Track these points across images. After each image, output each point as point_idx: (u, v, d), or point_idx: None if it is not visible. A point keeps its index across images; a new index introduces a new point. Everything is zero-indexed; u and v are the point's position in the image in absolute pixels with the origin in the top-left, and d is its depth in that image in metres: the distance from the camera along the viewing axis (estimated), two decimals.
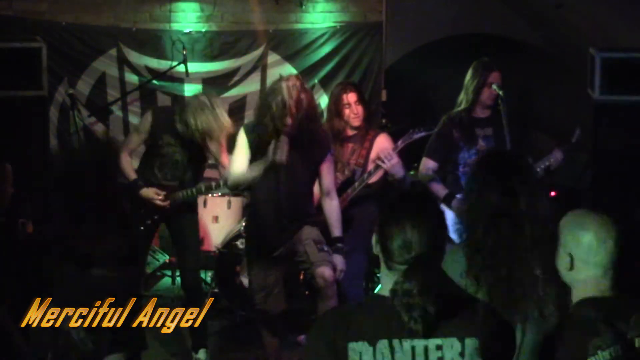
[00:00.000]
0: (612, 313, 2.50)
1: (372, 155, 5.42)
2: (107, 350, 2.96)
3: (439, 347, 2.28)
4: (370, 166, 5.31)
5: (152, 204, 5.35)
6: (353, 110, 5.42)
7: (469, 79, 5.38)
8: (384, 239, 2.36)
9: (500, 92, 5.22)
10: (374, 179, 5.34)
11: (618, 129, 5.77)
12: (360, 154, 5.44)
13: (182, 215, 5.44)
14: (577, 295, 2.61)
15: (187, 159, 5.35)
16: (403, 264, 2.31)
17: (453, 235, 5.63)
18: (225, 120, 5.23)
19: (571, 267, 2.60)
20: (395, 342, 2.28)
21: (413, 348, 2.28)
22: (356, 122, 5.44)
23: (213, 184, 5.42)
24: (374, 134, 5.51)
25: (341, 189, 5.29)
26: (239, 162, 4.74)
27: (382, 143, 5.46)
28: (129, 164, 5.40)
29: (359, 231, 5.35)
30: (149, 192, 5.33)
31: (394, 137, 5.57)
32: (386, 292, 2.35)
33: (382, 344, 2.28)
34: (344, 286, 5.30)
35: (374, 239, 2.44)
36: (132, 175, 5.37)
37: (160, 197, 5.32)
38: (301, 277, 5.39)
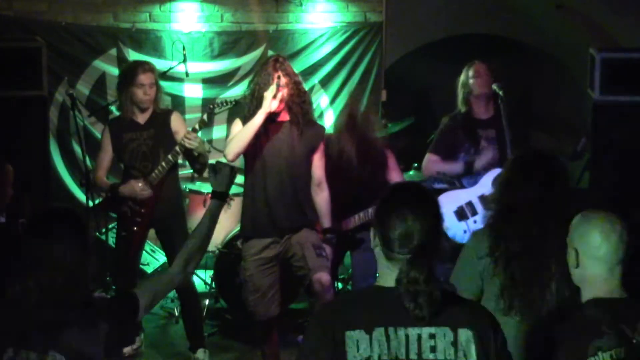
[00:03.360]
0: (618, 315, 2.50)
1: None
2: None
3: (432, 336, 2.33)
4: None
5: (136, 204, 5.32)
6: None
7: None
8: (385, 229, 2.38)
9: (500, 92, 5.23)
10: None
11: (618, 129, 5.78)
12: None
13: (170, 220, 5.44)
14: (585, 295, 2.62)
15: (153, 145, 5.34)
16: (405, 254, 2.34)
17: (448, 227, 5.59)
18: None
19: (577, 264, 2.61)
20: (391, 330, 2.33)
21: (407, 336, 2.33)
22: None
23: (177, 147, 5.26)
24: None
25: (348, 205, 5.23)
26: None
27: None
28: (103, 180, 5.44)
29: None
30: (127, 187, 5.31)
31: (395, 137, 5.55)
32: (384, 283, 2.41)
33: (378, 332, 2.33)
34: (357, 285, 5.29)
35: (371, 232, 2.46)
36: (108, 183, 5.42)
37: (141, 186, 5.29)
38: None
